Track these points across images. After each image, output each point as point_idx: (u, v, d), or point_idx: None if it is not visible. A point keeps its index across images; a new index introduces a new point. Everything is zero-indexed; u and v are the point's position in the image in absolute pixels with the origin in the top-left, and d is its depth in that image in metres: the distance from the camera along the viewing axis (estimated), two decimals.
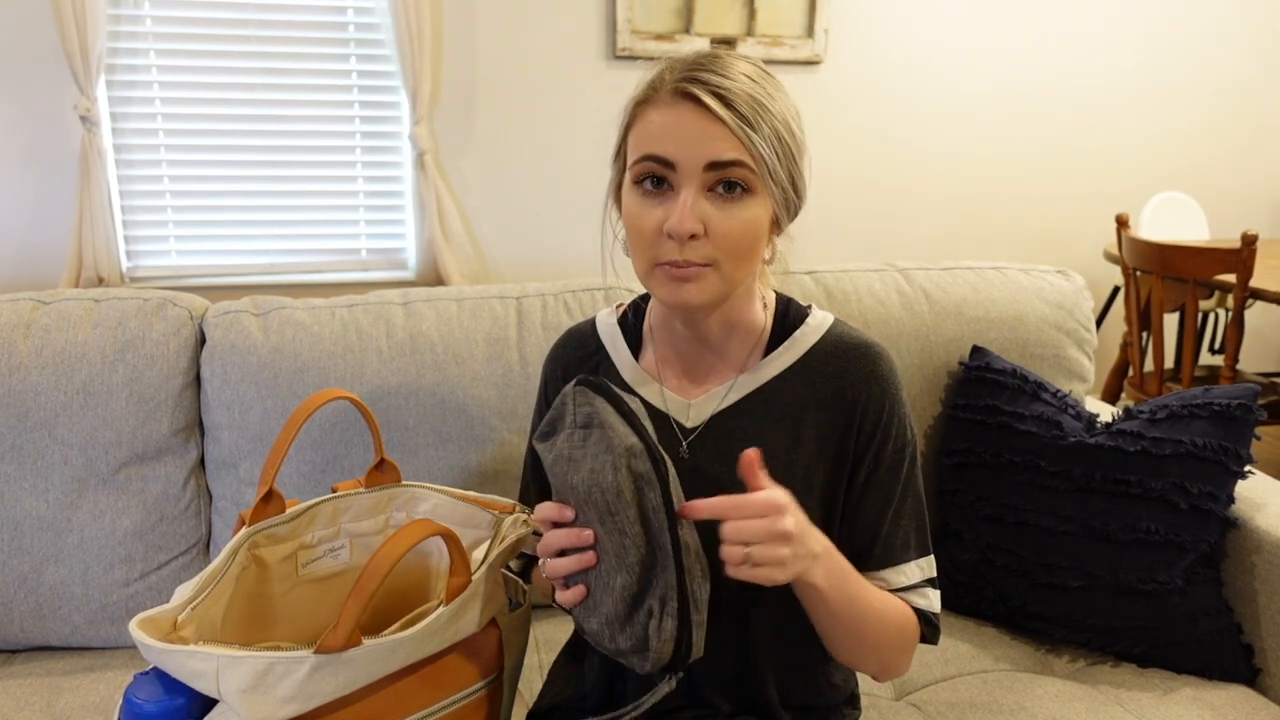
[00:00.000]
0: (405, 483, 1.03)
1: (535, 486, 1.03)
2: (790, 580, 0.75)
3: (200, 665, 0.70)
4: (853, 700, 1.01)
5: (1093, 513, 1.24)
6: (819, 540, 0.78)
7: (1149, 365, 2.64)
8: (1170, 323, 3.14)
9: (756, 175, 0.79)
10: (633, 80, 0.85)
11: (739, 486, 0.75)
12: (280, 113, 2.60)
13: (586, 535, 0.76)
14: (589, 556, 0.76)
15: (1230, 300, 2.56)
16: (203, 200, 2.62)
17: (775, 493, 0.74)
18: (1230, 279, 2.28)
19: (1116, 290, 3.16)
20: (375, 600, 0.74)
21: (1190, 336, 2.40)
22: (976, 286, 1.46)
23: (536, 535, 0.83)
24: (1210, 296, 2.96)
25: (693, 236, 0.79)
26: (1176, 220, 3.04)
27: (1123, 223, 2.52)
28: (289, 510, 0.94)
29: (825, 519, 0.89)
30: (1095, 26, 3.03)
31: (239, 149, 2.60)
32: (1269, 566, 1.19)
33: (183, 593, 0.80)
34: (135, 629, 0.72)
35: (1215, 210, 3.25)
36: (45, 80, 2.44)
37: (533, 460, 1.04)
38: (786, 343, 0.91)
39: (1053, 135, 3.11)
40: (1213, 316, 3.22)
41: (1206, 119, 3.20)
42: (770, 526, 0.72)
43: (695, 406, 0.91)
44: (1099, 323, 3.19)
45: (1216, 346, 3.23)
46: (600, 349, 0.97)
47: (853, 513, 0.89)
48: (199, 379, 1.29)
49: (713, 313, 0.88)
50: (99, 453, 1.22)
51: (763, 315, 0.92)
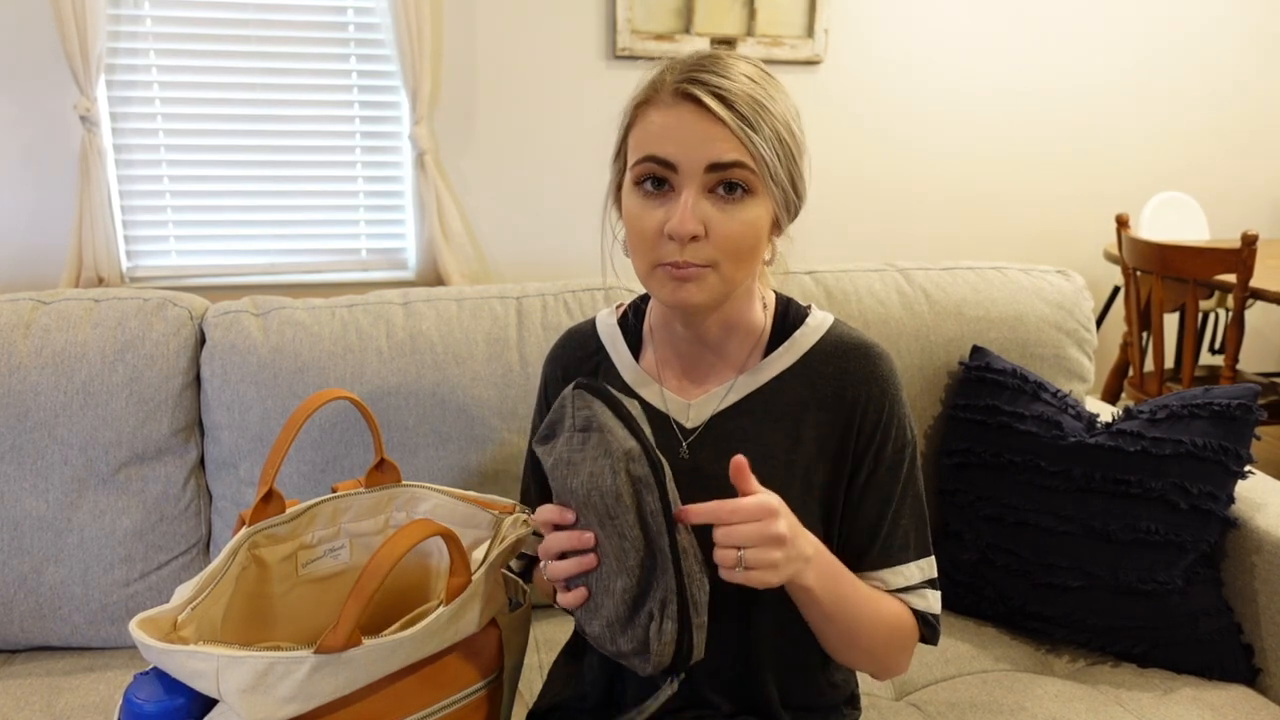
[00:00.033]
0: (405, 483, 1.03)
1: (536, 487, 1.03)
2: (783, 583, 0.76)
3: (200, 665, 0.70)
4: (853, 700, 1.01)
5: (1093, 513, 1.24)
6: (811, 542, 0.79)
7: (1149, 365, 2.64)
8: (1170, 323, 3.14)
9: (757, 176, 0.79)
10: (633, 80, 0.85)
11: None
12: (280, 113, 2.60)
13: (587, 538, 0.76)
14: (589, 559, 0.76)
15: (1230, 300, 2.56)
16: (203, 200, 2.62)
17: (767, 497, 0.74)
18: (1230, 279, 2.28)
19: (1116, 290, 3.16)
20: (375, 600, 0.74)
21: (1190, 336, 2.40)
22: (976, 286, 1.46)
23: (537, 536, 0.83)
24: (1210, 296, 2.96)
25: (694, 238, 0.79)
26: (1176, 220, 3.04)
27: (1123, 223, 2.52)
28: (289, 510, 0.94)
29: (825, 519, 0.89)
30: (1095, 26, 3.03)
31: (239, 149, 2.60)
32: (1269, 566, 1.19)
33: (183, 593, 0.80)
34: (135, 629, 0.72)
35: (1215, 210, 3.25)
36: (45, 80, 2.44)
37: (533, 461, 1.04)
38: (786, 343, 0.91)
39: (1053, 135, 3.11)
40: (1213, 316, 3.22)
41: (1206, 119, 3.20)
42: (763, 530, 0.72)
43: (695, 407, 0.91)
44: (1099, 323, 3.19)
45: (1216, 346, 3.23)
46: (600, 349, 0.97)
47: (852, 513, 0.89)
48: (199, 379, 1.29)
49: (713, 313, 0.88)
50: (99, 453, 1.22)
51: (762, 316, 0.92)
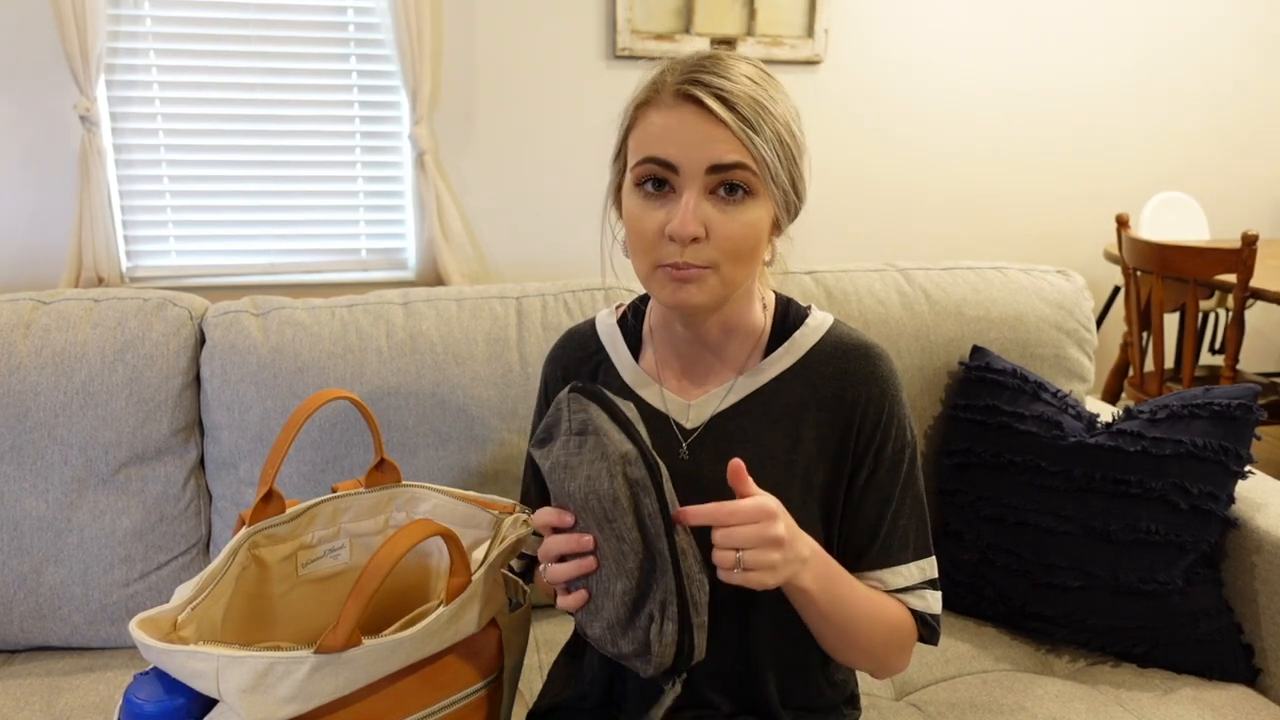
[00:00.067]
0: (405, 483, 1.03)
1: (536, 488, 1.03)
2: (780, 584, 0.76)
3: (200, 665, 0.70)
4: (853, 700, 1.01)
5: (1093, 513, 1.24)
6: (808, 544, 0.79)
7: (1149, 365, 2.64)
8: (1170, 323, 3.14)
9: (758, 177, 0.79)
10: (633, 80, 0.84)
11: None
12: (280, 113, 2.60)
13: (586, 541, 0.76)
14: (589, 562, 0.76)
15: (1230, 300, 2.56)
16: (203, 200, 2.62)
17: (765, 499, 0.74)
18: (1230, 279, 2.28)
19: (1117, 290, 3.16)
20: (375, 600, 0.74)
21: (1190, 336, 2.40)
22: (976, 286, 1.46)
23: (537, 536, 0.83)
24: (1210, 296, 2.96)
25: (694, 239, 0.79)
26: (1176, 220, 3.04)
27: (1123, 223, 2.52)
28: (289, 510, 0.94)
29: (825, 519, 0.89)
30: (1095, 26, 3.03)
31: (239, 149, 2.60)
32: (1269, 566, 1.19)
33: (183, 593, 0.80)
34: (135, 629, 0.72)
35: (1215, 210, 3.25)
36: (45, 80, 2.44)
37: (533, 462, 1.04)
38: (786, 344, 0.91)
39: (1053, 135, 3.11)
40: (1213, 316, 3.22)
41: (1206, 119, 3.20)
42: (761, 532, 0.73)
43: (695, 407, 0.91)
44: (1099, 323, 3.19)
45: (1217, 346, 3.23)
46: (600, 350, 0.97)
47: (853, 513, 0.89)
48: (199, 379, 1.29)
49: (713, 314, 0.88)
50: (99, 453, 1.22)
51: (762, 316, 0.92)
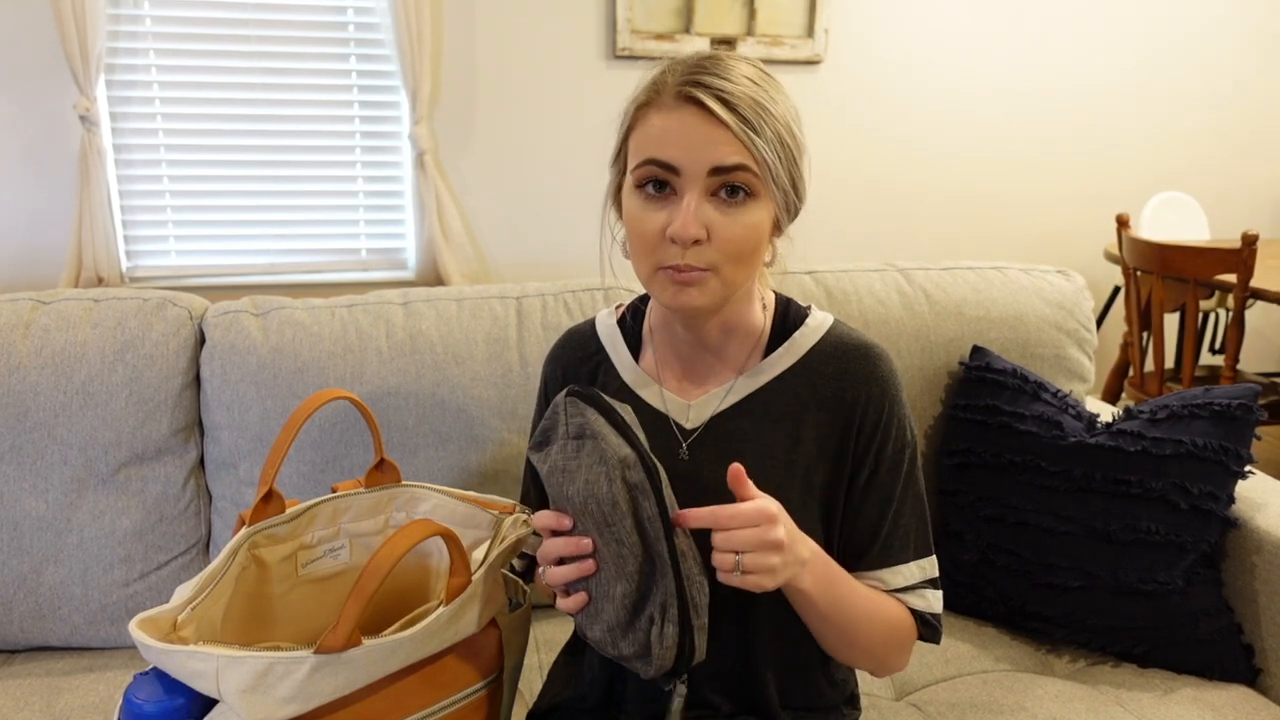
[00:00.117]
0: (405, 483, 1.03)
1: (536, 489, 1.03)
2: (779, 586, 0.76)
3: (200, 665, 0.70)
4: (852, 700, 1.01)
5: (1093, 513, 1.24)
6: (808, 546, 0.79)
7: (1149, 365, 2.64)
8: (1170, 323, 3.14)
9: (759, 179, 0.79)
10: (632, 80, 0.84)
11: None
12: (280, 113, 2.60)
13: (585, 544, 0.76)
14: (588, 564, 0.76)
15: (1230, 300, 2.56)
16: (202, 200, 2.61)
17: (765, 502, 0.74)
18: (1231, 279, 2.28)
19: (1117, 290, 3.16)
20: (375, 600, 0.74)
21: (1190, 336, 2.40)
22: (976, 286, 1.46)
23: (538, 536, 0.83)
24: (1211, 296, 2.96)
25: (696, 241, 0.78)
26: (1177, 220, 3.04)
27: (1123, 223, 2.52)
28: (289, 510, 0.94)
29: (825, 519, 0.89)
30: (1095, 26, 3.03)
31: (239, 149, 2.60)
32: (1269, 566, 1.19)
33: (183, 593, 0.80)
34: (135, 629, 0.72)
35: (1215, 210, 3.25)
36: (45, 80, 2.44)
37: (533, 464, 1.04)
38: (786, 344, 0.91)
39: (1053, 135, 3.10)
40: (1213, 316, 3.22)
41: (1206, 119, 3.20)
42: (761, 536, 0.73)
43: (695, 408, 0.91)
44: (1099, 323, 3.19)
45: (1217, 346, 3.23)
46: (600, 350, 0.97)
47: (853, 513, 0.89)
48: (199, 379, 1.29)
49: (713, 316, 0.88)
50: (99, 453, 1.22)
51: (762, 316, 0.92)
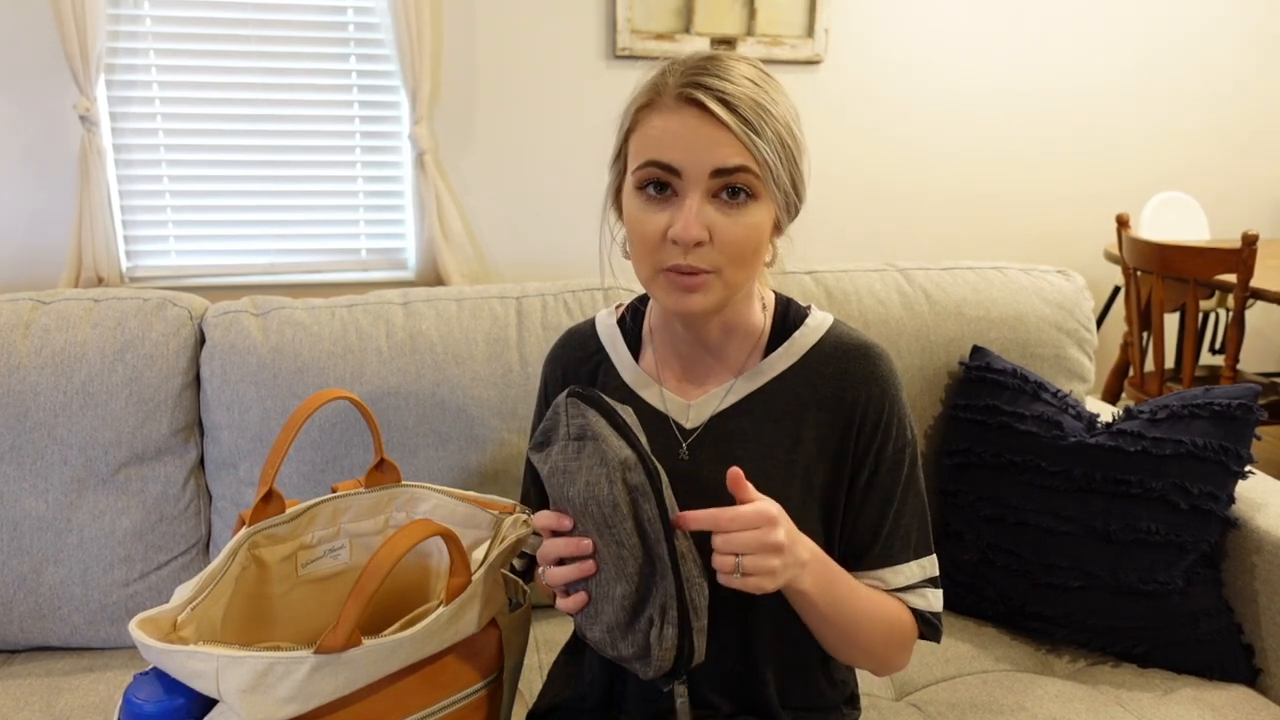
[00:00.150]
0: (405, 483, 1.03)
1: (536, 489, 1.03)
2: (779, 588, 0.76)
3: (200, 665, 0.70)
4: (852, 700, 1.01)
5: (1093, 513, 1.24)
6: (808, 547, 0.79)
7: (1149, 365, 2.64)
8: (1171, 323, 3.14)
9: (760, 180, 0.79)
10: (632, 80, 0.84)
11: None
12: (280, 113, 2.60)
13: (585, 545, 0.76)
14: (588, 565, 0.76)
15: (1230, 300, 2.56)
16: (202, 200, 2.61)
17: (765, 504, 0.74)
18: (1231, 279, 2.28)
19: (1117, 290, 3.16)
20: (375, 600, 0.74)
21: (1190, 336, 2.40)
22: (976, 286, 1.46)
23: (539, 536, 0.83)
24: (1211, 296, 2.96)
25: (698, 243, 0.78)
26: (1177, 220, 3.04)
27: (1123, 223, 2.52)
28: (289, 510, 0.94)
29: (825, 519, 0.89)
30: (1095, 26, 3.03)
31: (238, 149, 2.60)
32: (1269, 566, 1.19)
33: (183, 593, 0.80)
34: (135, 629, 0.72)
35: (1215, 210, 3.25)
36: (45, 80, 2.44)
37: (533, 464, 1.04)
38: (786, 344, 0.91)
39: (1053, 135, 3.10)
40: (1213, 316, 3.22)
41: (1206, 119, 3.20)
42: (761, 538, 0.73)
43: (695, 408, 0.91)
44: (1099, 323, 3.19)
45: (1217, 346, 3.23)
46: (600, 350, 0.97)
47: (854, 513, 0.89)
48: (199, 379, 1.29)
49: (714, 317, 0.88)
50: (99, 453, 1.22)
51: (762, 316, 0.92)
